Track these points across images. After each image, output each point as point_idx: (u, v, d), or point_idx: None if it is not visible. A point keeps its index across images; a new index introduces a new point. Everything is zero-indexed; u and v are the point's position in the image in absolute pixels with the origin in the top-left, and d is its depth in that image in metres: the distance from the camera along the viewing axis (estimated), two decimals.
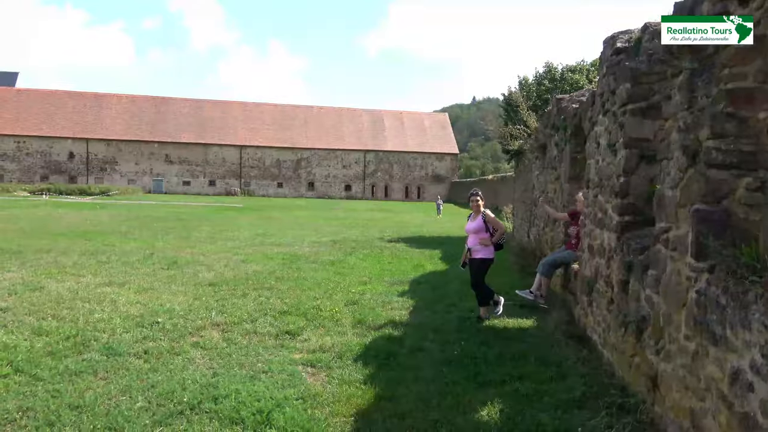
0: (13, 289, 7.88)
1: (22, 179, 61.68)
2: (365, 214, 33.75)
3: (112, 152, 66.05)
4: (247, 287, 8.65)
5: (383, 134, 73.96)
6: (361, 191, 71.98)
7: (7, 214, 23.66)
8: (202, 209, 33.23)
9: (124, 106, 68.98)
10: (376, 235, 18.57)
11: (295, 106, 76.23)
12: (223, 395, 4.29)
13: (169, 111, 69.63)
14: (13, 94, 68.05)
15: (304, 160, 70.70)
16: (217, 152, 68.54)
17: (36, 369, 4.76)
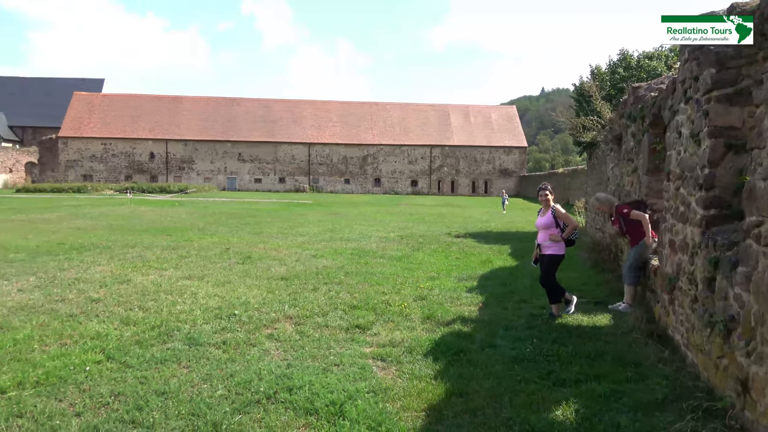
0: (104, 281, 8.45)
1: (108, 179, 65.89)
2: (431, 209, 33.63)
3: (189, 152, 69.23)
4: (318, 281, 8.85)
5: (449, 129, 73.39)
6: (427, 186, 71.78)
7: (97, 211, 25.33)
8: (273, 206, 34.23)
9: (200, 108, 72.09)
10: (443, 230, 18.48)
11: (361, 103, 76.99)
12: (298, 386, 4.42)
13: (241, 111, 72.14)
14: (100, 100, 72.69)
15: (370, 156, 71.32)
16: (286, 150, 70.37)
17: (125, 356, 5.08)
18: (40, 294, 7.53)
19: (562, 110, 35.00)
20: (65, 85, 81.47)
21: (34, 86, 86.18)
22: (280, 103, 74.69)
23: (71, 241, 13.30)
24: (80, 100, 70.81)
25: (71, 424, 3.75)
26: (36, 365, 4.81)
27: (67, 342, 5.51)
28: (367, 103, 76.99)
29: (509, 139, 73.10)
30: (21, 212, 23.54)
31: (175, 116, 70.53)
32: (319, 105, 75.19)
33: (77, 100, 70.66)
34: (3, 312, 6.54)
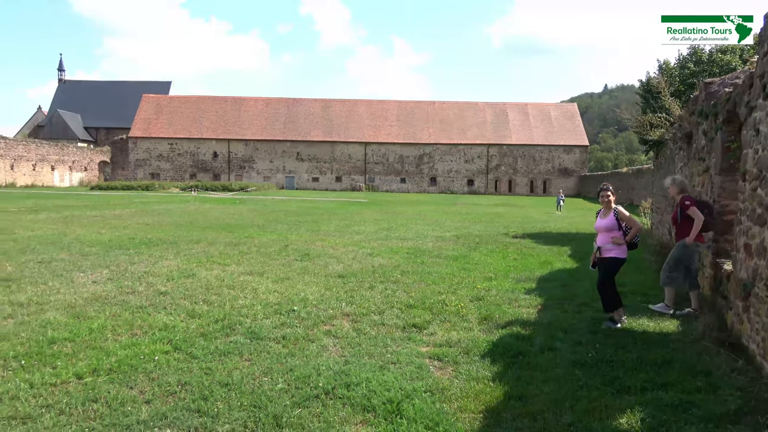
0: (171, 275, 8.82)
1: (174, 177, 68.71)
2: (488, 209, 33.20)
3: (249, 151, 71.23)
4: (374, 280, 8.91)
5: (507, 127, 72.19)
6: (484, 186, 70.90)
7: (163, 208, 26.46)
8: (330, 204, 34.73)
9: (260, 108, 74.04)
10: (500, 230, 18.21)
11: (418, 102, 76.90)
12: (355, 383, 4.47)
13: (300, 111, 73.57)
14: (167, 101, 75.90)
15: (426, 155, 71.14)
16: (343, 149, 71.21)
17: (191, 348, 5.29)
18: (112, 286, 7.95)
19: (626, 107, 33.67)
20: (135, 88, 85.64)
21: (107, 89, 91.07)
22: (337, 102, 75.67)
23: (140, 236, 13.95)
24: (149, 102, 74.17)
25: (141, 410, 3.94)
26: (109, 353, 5.08)
27: (138, 332, 5.78)
28: (423, 102, 76.83)
29: (570, 137, 71.16)
30: (95, 209, 24.89)
31: (237, 117, 72.71)
32: (375, 104, 75.66)
33: (146, 102, 74.04)
34: (80, 302, 6.95)
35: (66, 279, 8.36)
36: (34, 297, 7.14)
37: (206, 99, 76.78)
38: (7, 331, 5.68)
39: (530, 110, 74.35)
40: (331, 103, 75.57)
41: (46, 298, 7.13)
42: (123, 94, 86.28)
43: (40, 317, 6.22)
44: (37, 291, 7.51)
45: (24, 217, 19.43)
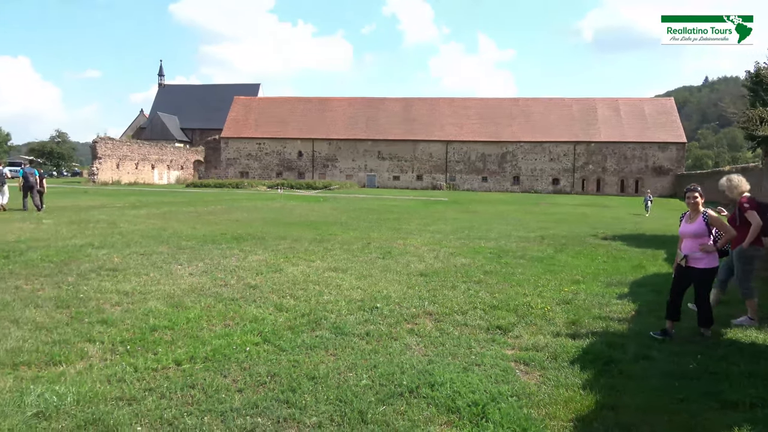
0: (260, 270, 9.17)
1: (262, 176, 71.58)
2: (575, 209, 31.98)
3: (333, 150, 72.86)
4: (457, 279, 8.82)
5: (595, 124, 69.12)
6: (570, 185, 68.35)
7: (252, 205, 27.63)
8: (411, 203, 34.82)
9: (343, 108, 75.52)
10: (588, 231, 17.47)
11: (501, 99, 75.43)
12: (439, 383, 4.43)
13: (382, 110, 74.29)
14: (256, 103, 79.19)
15: (509, 153, 69.61)
16: (424, 148, 71.16)
17: (279, 340, 5.46)
18: (206, 278, 8.38)
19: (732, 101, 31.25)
20: (227, 91, 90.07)
21: (201, 92, 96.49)
22: (419, 101, 75.69)
23: (231, 231, 14.64)
24: (239, 103, 77.68)
25: (234, 399, 4.11)
26: (204, 342, 5.35)
27: (230, 323, 6.06)
28: (507, 100, 75.24)
29: (665, 133, 67.00)
30: (190, 205, 26.41)
31: (321, 117, 74.56)
32: (458, 102, 74.98)
33: (237, 103, 77.60)
34: (178, 293, 7.38)
35: (165, 271, 8.92)
36: (137, 287, 7.67)
37: (292, 100, 79.37)
38: (114, 317, 6.13)
39: (621, 106, 70.75)
40: (413, 102, 75.70)
41: (148, 288, 7.64)
42: (216, 97, 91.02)
43: (142, 306, 6.66)
44: (140, 281, 8.06)
45: (128, 212, 20.96)
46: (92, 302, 6.77)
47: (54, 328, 5.69)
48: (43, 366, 4.69)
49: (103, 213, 20.15)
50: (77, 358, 4.87)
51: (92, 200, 28.24)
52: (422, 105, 74.72)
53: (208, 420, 3.76)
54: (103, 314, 6.23)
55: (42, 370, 4.61)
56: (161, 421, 3.73)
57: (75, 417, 3.74)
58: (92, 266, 9.09)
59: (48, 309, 6.43)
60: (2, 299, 6.80)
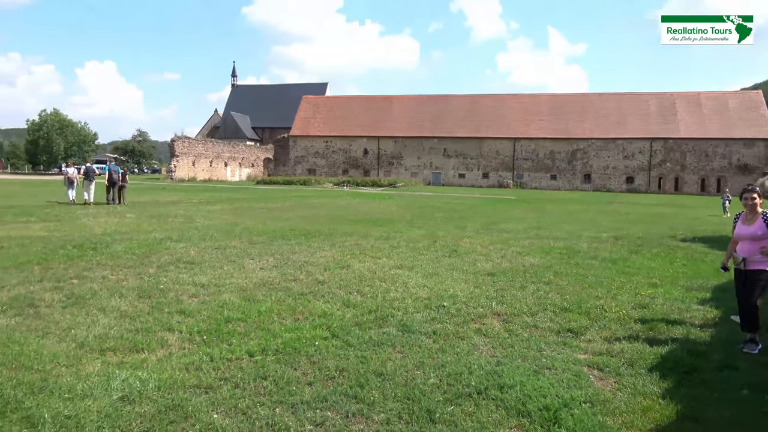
0: (327, 265, 9.33)
1: (328, 173, 72.86)
2: (650, 209, 30.53)
3: (398, 148, 73.08)
4: (525, 280, 8.62)
5: (674, 119, 65.59)
6: (645, 184, 65.30)
7: (319, 202, 28.18)
8: (477, 201, 34.38)
9: (409, 106, 75.55)
10: (665, 232, 16.62)
11: (572, 95, 73.10)
12: (509, 385, 4.34)
13: (448, 107, 73.73)
14: (324, 102, 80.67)
15: (579, 150, 67.32)
16: (491, 145, 70.06)
17: (347, 336, 5.53)
18: (276, 273, 8.61)
19: None
20: (296, 90, 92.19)
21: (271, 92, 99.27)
22: (486, 98, 74.61)
23: (300, 227, 14.98)
24: (307, 102, 79.35)
25: (304, 391, 4.20)
26: (275, 335, 5.49)
27: (299, 317, 6.19)
28: (578, 95, 72.85)
29: (751, 129, 62.62)
30: (260, 201, 27.26)
31: (387, 115, 74.92)
32: (526, 99, 73.29)
33: (305, 102, 79.31)
34: (250, 286, 7.62)
35: (238, 264, 9.24)
36: (212, 279, 7.99)
37: (358, 98, 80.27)
38: (192, 308, 6.41)
39: (703, 100, 66.77)
40: (479, 98, 74.70)
41: (222, 281, 7.94)
42: (285, 96, 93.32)
43: (217, 298, 6.93)
44: (215, 274, 8.39)
45: (203, 207, 21.90)
46: (171, 293, 7.11)
47: (137, 317, 6.02)
48: (127, 352, 4.97)
49: (181, 208, 21.15)
50: (158, 346, 5.13)
51: (170, 196, 29.71)
52: (489, 102, 73.57)
53: (279, 411, 3.86)
54: (181, 305, 6.53)
55: (126, 356, 4.88)
56: (235, 410, 3.86)
57: (156, 402, 3.93)
58: (171, 259, 9.55)
59: (131, 299, 6.81)
60: (91, 288, 7.27)
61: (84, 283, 7.58)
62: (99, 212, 18.73)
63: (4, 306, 6.35)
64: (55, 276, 8.01)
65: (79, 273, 8.25)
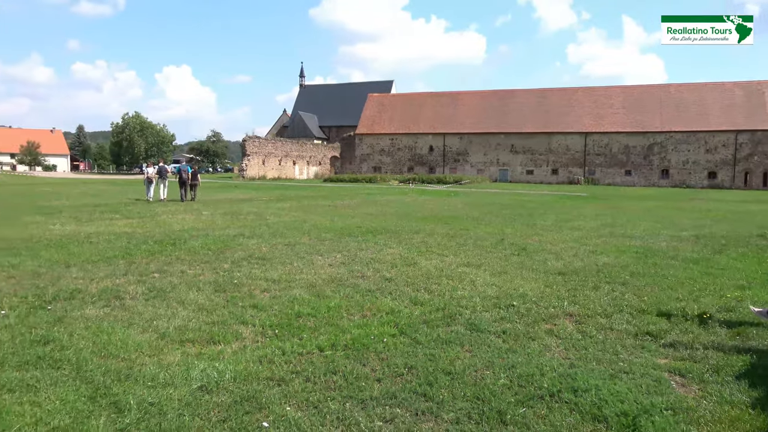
0: (394, 263, 9.36)
1: (393, 170, 73.18)
2: (735, 206, 28.64)
3: (464, 145, 72.36)
4: (599, 280, 8.29)
5: (763, 110, 61.20)
6: (729, 179, 61.37)
7: (385, 199, 28.34)
8: (545, 198, 33.48)
9: (475, 102, 74.60)
10: (753, 231, 15.53)
11: (648, 86, 69.74)
12: (583, 389, 4.19)
13: (515, 103, 72.23)
14: (389, 99, 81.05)
15: (656, 145, 64.14)
16: (560, 140, 68.04)
17: (415, 333, 5.52)
18: (344, 270, 8.73)
19: None
20: (362, 89, 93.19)
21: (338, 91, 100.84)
22: (555, 92, 72.50)
23: (366, 225, 15.12)
24: (373, 100, 79.99)
25: (374, 387, 4.22)
26: (344, 331, 5.57)
27: (367, 314, 6.24)
28: (655, 86, 69.43)
29: None
30: (327, 199, 27.75)
31: (453, 111, 74.34)
32: (598, 92, 70.59)
33: (371, 100, 79.99)
34: (319, 282, 7.77)
35: (307, 261, 9.44)
36: (283, 275, 8.20)
37: (423, 95, 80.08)
38: (264, 303, 6.61)
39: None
40: (548, 92, 72.67)
41: (292, 276, 8.14)
42: (351, 95, 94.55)
43: (288, 293, 7.10)
44: (285, 270, 8.61)
45: (273, 205, 22.55)
46: (245, 288, 7.36)
47: (213, 310, 6.27)
48: (205, 344, 5.19)
49: (252, 206, 21.89)
50: (233, 339, 5.32)
51: (242, 194, 30.81)
52: (558, 95, 71.43)
53: (349, 406, 3.90)
54: (254, 299, 6.75)
55: (204, 347, 5.09)
56: (307, 404, 3.94)
57: (232, 393, 4.08)
58: (244, 254, 9.90)
59: (208, 292, 7.10)
60: (171, 282, 7.64)
61: (164, 277, 7.98)
62: (177, 209, 19.69)
63: (93, 297, 6.79)
64: (138, 270, 8.48)
65: (159, 267, 8.70)
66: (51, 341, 5.14)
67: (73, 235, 12.25)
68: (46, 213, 17.82)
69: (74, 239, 11.62)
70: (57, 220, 15.44)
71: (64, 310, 6.22)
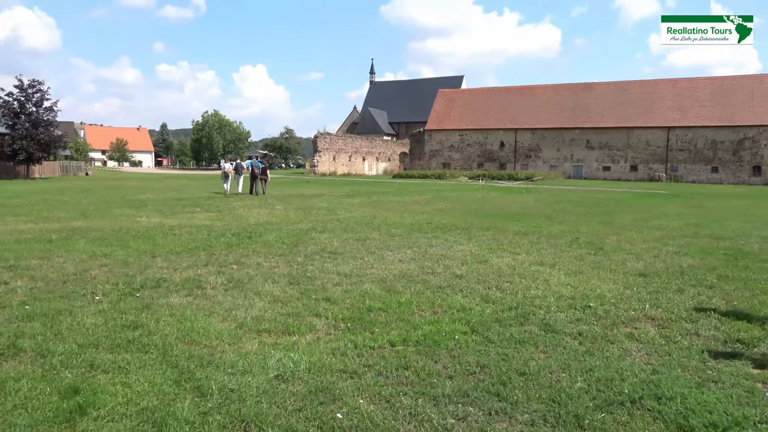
0: (465, 260, 9.27)
1: (463, 167, 72.40)
2: None
3: (536, 140, 70.48)
4: (683, 283, 7.85)
5: None
6: None
7: (454, 196, 28.10)
8: (623, 195, 32.06)
9: (548, 96, 72.42)
10: None
11: (739, 77, 65.11)
12: (667, 396, 3.99)
13: (591, 96, 69.51)
14: (459, 95, 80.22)
15: (747, 140, 59.81)
16: (640, 135, 64.86)
17: (487, 332, 5.44)
18: (415, 265, 8.73)
19: None
20: (431, 84, 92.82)
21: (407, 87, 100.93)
22: (634, 84, 69.12)
23: (436, 221, 15.05)
24: (443, 96, 79.41)
25: (446, 385, 4.20)
26: (415, 327, 5.57)
27: (438, 311, 6.22)
28: (747, 77, 64.74)
29: None
30: (397, 195, 27.85)
31: (524, 106, 72.53)
32: (682, 84, 66.63)
33: (441, 96, 79.44)
34: (389, 277, 7.82)
35: (378, 256, 9.52)
36: (354, 269, 8.32)
37: (494, 90, 78.64)
38: (336, 296, 6.73)
39: None
40: (627, 85, 69.37)
41: (363, 271, 8.23)
42: (421, 91, 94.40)
43: (359, 287, 7.19)
44: (357, 264, 8.72)
45: (344, 200, 22.91)
46: (317, 281, 7.52)
47: (288, 302, 6.45)
48: (281, 334, 5.35)
49: (323, 201, 22.34)
50: (307, 330, 5.45)
51: (313, 189, 31.50)
52: (638, 88, 68.03)
53: (421, 402, 3.90)
54: (326, 293, 6.89)
55: (279, 338, 5.25)
56: (380, 398, 3.97)
57: (307, 383, 4.18)
58: (316, 248, 10.12)
59: (282, 284, 7.32)
60: (248, 273, 7.94)
61: (242, 269, 8.30)
62: (252, 204, 20.41)
63: (177, 286, 7.16)
64: (217, 261, 8.87)
65: (237, 259, 9.05)
66: (139, 326, 5.47)
67: (158, 227, 12.97)
68: (133, 206, 18.99)
69: (159, 231, 12.31)
70: (143, 213, 16.42)
71: (150, 297, 6.60)
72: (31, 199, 22.29)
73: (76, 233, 11.86)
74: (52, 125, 47.49)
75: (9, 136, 45.51)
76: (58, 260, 8.82)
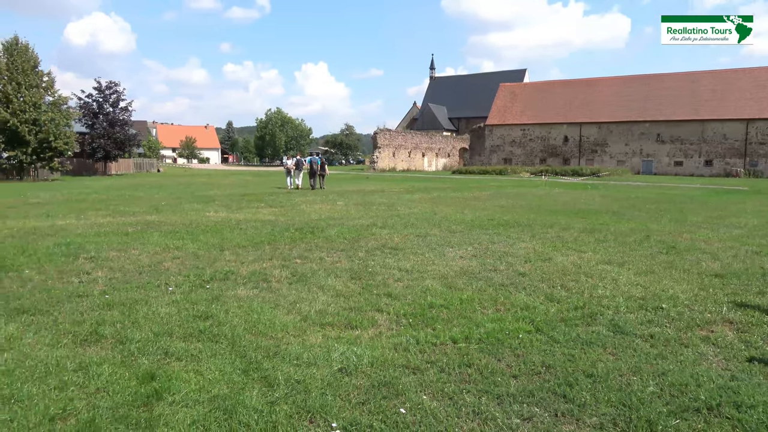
0: (528, 257, 9.08)
1: (525, 162, 70.95)
2: None
3: (602, 135, 68.06)
4: (765, 285, 7.34)
5: None
6: None
7: (516, 192, 27.57)
8: (697, 192, 30.44)
9: (615, 88, 69.71)
10: None
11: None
12: (747, 404, 3.77)
13: (661, 88, 66.36)
14: (521, 89, 78.53)
15: None
16: (715, 128, 61.39)
17: (552, 332, 5.31)
18: (476, 262, 8.64)
19: None
20: (492, 79, 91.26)
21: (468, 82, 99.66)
22: (708, 75, 65.44)
23: (498, 217, 14.82)
24: (504, 90, 78.02)
25: (510, 384, 4.14)
26: (477, 324, 5.51)
27: (501, 309, 6.12)
28: None
29: None
30: (457, 191, 27.63)
31: (590, 99, 70.20)
32: (762, 73, 62.48)
33: (502, 90, 78.09)
34: (451, 274, 7.77)
35: (438, 252, 9.48)
36: (415, 265, 8.32)
37: (557, 83, 76.52)
38: (397, 292, 6.76)
39: None
40: (700, 76, 65.78)
41: (424, 267, 8.22)
42: (481, 85, 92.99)
43: (420, 283, 7.19)
44: (417, 260, 8.72)
45: (403, 196, 22.95)
46: (379, 276, 7.58)
47: (350, 296, 6.54)
48: (343, 328, 5.42)
49: (383, 197, 22.45)
50: (369, 325, 5.51)
51: (373, 185, 31.72)
52: (712, 79, 64.37)
53: (485, 401, 3.86)
54: (388, 288, 6.93)
55: (342, 331, 5.33)
56: (442, 394, 3.96)
57: (370, 377, 4.23)
58: (377, 244, 10.19)
59: (344, 279, 7.42)
60: (311, 268, 8.10)
61: (305, 263, 8.47)
62: (314, 199, 20.80)
63: (244, 279, 7.40)
64: (282, 255, 9.09)
65: (300, 254, 9.25)
66: (210, 317, 5.69)
67: (225, 222, 13.45)
68: (202, 201, 19.77)
69: (226, 225, 12.76)
70: (211, 208, 17.07)
71: (219, 289, 6.86)
72: (109, 195, 23.65)
73: (150, 227, 12.48)
74: (127, 124, 50.29)
75: (89, 135, 48.49)
76: (134, 252, 9.31)
